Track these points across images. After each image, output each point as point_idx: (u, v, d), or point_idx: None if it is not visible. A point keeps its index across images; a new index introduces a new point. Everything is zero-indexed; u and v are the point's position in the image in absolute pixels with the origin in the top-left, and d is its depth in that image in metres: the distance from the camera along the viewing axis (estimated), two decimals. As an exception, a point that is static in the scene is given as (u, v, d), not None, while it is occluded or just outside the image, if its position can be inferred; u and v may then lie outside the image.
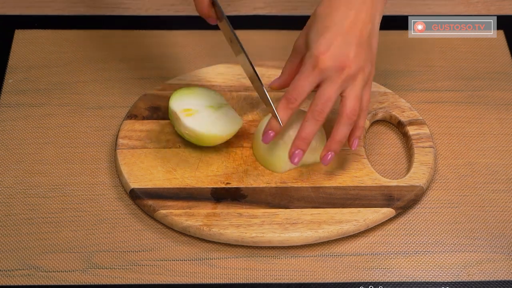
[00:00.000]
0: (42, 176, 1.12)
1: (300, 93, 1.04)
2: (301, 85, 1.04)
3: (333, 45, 1.03)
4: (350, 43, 1.03)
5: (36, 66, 1.27)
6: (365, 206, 1.07)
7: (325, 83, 1.04)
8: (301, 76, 1.04)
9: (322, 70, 1.03)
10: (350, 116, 1.05)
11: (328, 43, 1.03)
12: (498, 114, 1.22)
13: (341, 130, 1.06)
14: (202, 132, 1.10)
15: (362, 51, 1.04)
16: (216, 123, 1.11)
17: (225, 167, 1.12)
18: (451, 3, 1.40)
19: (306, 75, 1.03)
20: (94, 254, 1.05)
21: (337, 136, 1.06)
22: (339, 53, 1.03)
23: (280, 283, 1.03)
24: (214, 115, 1.12)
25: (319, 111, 1.04)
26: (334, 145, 1.06)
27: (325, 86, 1.03)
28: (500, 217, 1.10)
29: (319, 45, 1.03)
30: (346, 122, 1.05)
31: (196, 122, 1.10)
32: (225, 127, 1.11)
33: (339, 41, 1.03)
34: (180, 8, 1.37)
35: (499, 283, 1.03)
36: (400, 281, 1.03)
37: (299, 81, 1.04)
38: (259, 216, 1.06)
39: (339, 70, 1.03)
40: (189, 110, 1.11)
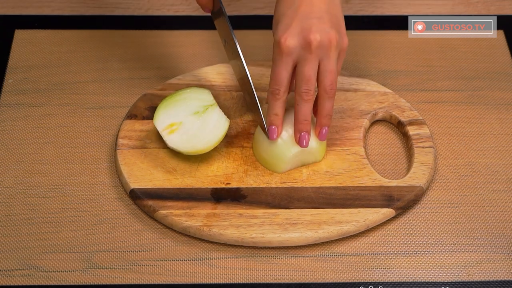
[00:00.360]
0: (42, 176, 1.12)
1: (280, 82, 1.06)
2: (277, 74, 1.05)
3: (291, 26, 1.04)
4: (308, 18, 1.04)
5: (36, 66, 1.27)
6: (365, 207, 1.07)
7: (299, 64, 1.05)
8: (274, 67, 1.06)
9: (289, 51, 1.04)
10: (329, 90, 1.06)
11: (286, 26, 1.04)
12: (498, 114, 1.22)
13: (325, 105, 1.08)
14: (186, 150, 1.10)
15: (323, 21, 1.04)
16: (201, 133, 1.11)
17: (225, 167, 1.12)
18: (451, 3, 1.40)
19: (278, 63, 1.05)
20: (94, 254, 1.05)
21: (323, 111, 1.08)
22: (300, 30, 1.04)
23: (280, 283, 1.03)
24: (199, 122, 1.11)
25: (305, 91, 1.06)
26: (324, 120, 1.09)
27: (300, 66, 1.05)
28: (500, 217, 1.10)
29: (278, 31, 1.05)
30: (327, 96, 1.07)
31: (179, 139, 1.10)
32: (210, 135, 1.11)
33: (296, 20, 1.04)
34: (180, 8, 1.37)
35: (499, 283, 1.03)
36: (400, 281, 1.03)
37: (275, 72, 1.06)
38: (259, 216, 1.06)
39: (305, 46, 1.04)
40: (173, 125, 1.11)
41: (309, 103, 1.07)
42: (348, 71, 1.24)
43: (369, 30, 1.33)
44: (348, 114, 1.18)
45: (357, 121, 1.17)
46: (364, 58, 1.28)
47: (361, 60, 1.24)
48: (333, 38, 1.04)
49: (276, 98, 1.07)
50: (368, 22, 1.36)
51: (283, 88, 1.06)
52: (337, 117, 1.18)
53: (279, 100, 1.07)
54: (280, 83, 1.06)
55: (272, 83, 1.07)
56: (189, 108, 1.12)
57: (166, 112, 1.12)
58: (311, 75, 1.05)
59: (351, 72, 1.25)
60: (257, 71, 1.23)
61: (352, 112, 1.19)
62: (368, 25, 1.35)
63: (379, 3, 1.39)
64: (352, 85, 1.22)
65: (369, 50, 1.30)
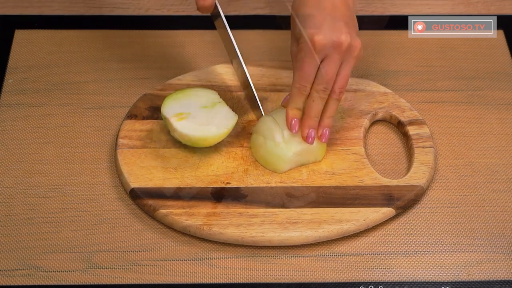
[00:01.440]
0: (42, 176, 1.12)
1: (308, 79, 1.08)
2: (306, 71, 1.07)
3: (323, 26, 1.06)
4: (337, 20, 1.07)
5: (36, 66, 1.27)
6: (365, 206, 1.07)
7: (324, 62, 1.07)
8: (303, 63, 1.07)
9: (320, 50, 1.06)
10: (338, 93, 1.10)
11: (318, 25, 1.07)
12: (498, 114, 1.22)
13: (331, 107, 1.11)
14: (195, 136, 1.10)
15: (349, 27, 1.08)
16: (209, 124, 1.11)
17: (225, 167, 1.12)
18: (451, 3, 1.40)
19: (308, 60, 1.07)
20: (94, 254, 1.05)
21: (328, 112, 1.11)
22: (332, 31, 1.06)
23: (280, 283, 1.03)
24: (208, 115, 1.12)
25: (324, 89, 1.08)
26: (327, 121, 1.11)
27: (325, 65, 1.07)
28: (500, 217, 1.10)
29: (310, 30, 1.06)
30: (334, 98, 1.10)
31: (188, 126, 1.10)
32: (219, 126, 1.11)
33: (327, 21, 1.07)
34: (180, 8, 1.37)
35: (499, 282, 1.03)
36: (400, 281, 1.03)
37: (303, 68, 1.07)
38: (259, 215, 1.06)
39: (335, 46, 1.06)
40: (181, 114, 1.11)
41: (324, 101, 1.09)
42: (348, 71, 1.24)
43: (369, 30, 1.33)
44: (348, 114, 1.18)
45: (357, 121, 1.18)
46: (364, 58, 1.27)
47: (361, 60, 1.23)
48: (358, 45, 1.08)
49: (302, 93, 1.09)
50: (368, 22, 1.36)
51: (309, 84, 1.08)
52: (338, 117, 1.18)
53: (304, 95, 1.09)
54: (307, 80, 1.08)
55: (300, 80, 1.08)
56: (198, 103, 1.13)
57: (175, 103, 1.13)
58: (333, 75, 1.08)
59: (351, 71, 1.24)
60: (257, 71, 1.23)
61: (352, 112, 1.19)
62: (368, 25, 1.35)
63: (379, 3, 1.39)
64: (352, 85, 1.22)
65: (369, 50, 1.29)
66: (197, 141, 1.10)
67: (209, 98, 1.14)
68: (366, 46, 1.21)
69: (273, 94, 1.21)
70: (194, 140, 1.10)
